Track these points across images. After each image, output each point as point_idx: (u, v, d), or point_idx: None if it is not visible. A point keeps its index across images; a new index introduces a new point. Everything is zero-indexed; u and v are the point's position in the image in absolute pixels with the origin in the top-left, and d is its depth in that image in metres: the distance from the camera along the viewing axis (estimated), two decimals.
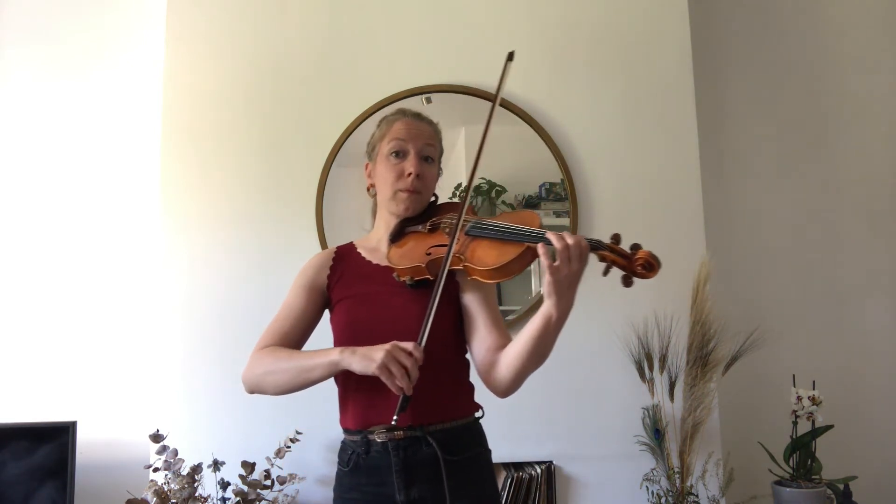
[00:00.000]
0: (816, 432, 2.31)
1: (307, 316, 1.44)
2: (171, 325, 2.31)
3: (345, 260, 1.47)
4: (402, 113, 1.48)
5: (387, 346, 1.20)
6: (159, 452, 2.10)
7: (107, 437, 2.40)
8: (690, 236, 2.47)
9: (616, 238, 1.18)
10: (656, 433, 2.30)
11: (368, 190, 1.51)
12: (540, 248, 1.16)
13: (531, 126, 2.45)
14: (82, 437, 2.22)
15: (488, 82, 2.44)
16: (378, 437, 1.31)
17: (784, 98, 2.93)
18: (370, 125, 2.42)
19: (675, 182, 2.51)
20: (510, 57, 1.41)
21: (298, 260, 2.36)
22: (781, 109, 2.93)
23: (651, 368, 2.32)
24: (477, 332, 1.35)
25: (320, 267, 1.47)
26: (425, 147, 1.43)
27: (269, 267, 2.36)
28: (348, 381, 1.35)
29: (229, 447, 2.20)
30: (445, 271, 1.28)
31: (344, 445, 1.41)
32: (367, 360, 1.21)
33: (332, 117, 2.42)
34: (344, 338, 1.37)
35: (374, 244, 1.48)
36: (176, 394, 2.28)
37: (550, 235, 1.15)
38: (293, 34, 2.47)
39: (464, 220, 1.34)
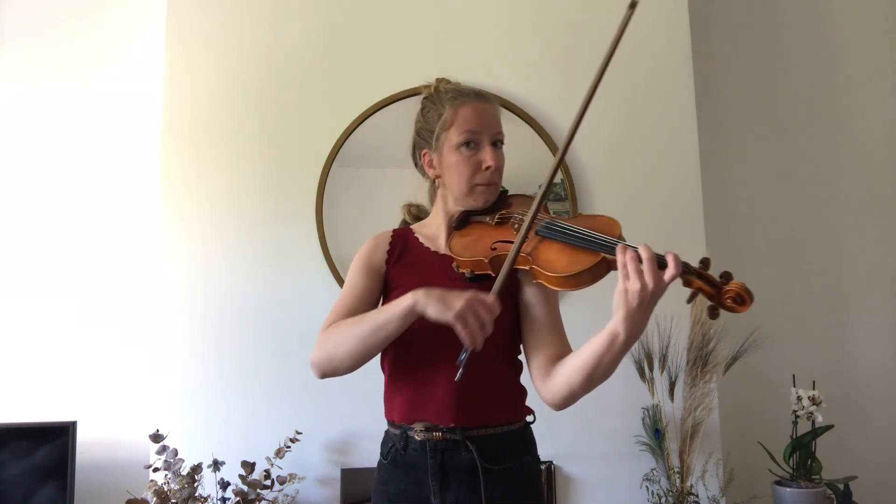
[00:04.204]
0: (816, 432, 2.31)
1: (371, 293, 1.35)
2: (170, 325, 2.31)
3: (402, 242, 1.39)
4: (465, 95, 1.34)
5: (467, 294, 1.12)
6: (159, 452, 2.10)
7: (107, 437, 2.40)
8: (690, 236, 2.47)
9: (705, 263, 1.04)
10: (656, 433, 2.30)
11: (434, 182, 1.39)
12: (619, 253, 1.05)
13: (531, 126, 2.45)
14: (82, 437, 2.23)
15: (488, 82, 2.43)
16: (417, 436, 1.26)
17: (784, 97, 2.93)
18: (370, 125, 2.44)
19: (675, 182, 2.51)
20: (633, 4, 1.17)
21: (298, 260, 2.42)
22: (781, 108, 2.93)
23: (651, 368, 2.32)
24: (536, 337, 1.26)
25: (377, 247, 1.39)
26: (497, 134, 1.34)
27: (269, 267, 2.36)
28: (396, 371, 1.30)
29: (229, 447, 2.20)
30: (508, 271, 1.17)
31: (386, 437, 1.36)
32: (444, 305, 1.11)
33: (333, 117, 2.42)
34: None
35: (433, 231, 1.39)
36: (176, 394, 2.28)
37: (623, 249, 1.05)
38: (293, 34, 2.46)
39: (535, 219, 1.23)
